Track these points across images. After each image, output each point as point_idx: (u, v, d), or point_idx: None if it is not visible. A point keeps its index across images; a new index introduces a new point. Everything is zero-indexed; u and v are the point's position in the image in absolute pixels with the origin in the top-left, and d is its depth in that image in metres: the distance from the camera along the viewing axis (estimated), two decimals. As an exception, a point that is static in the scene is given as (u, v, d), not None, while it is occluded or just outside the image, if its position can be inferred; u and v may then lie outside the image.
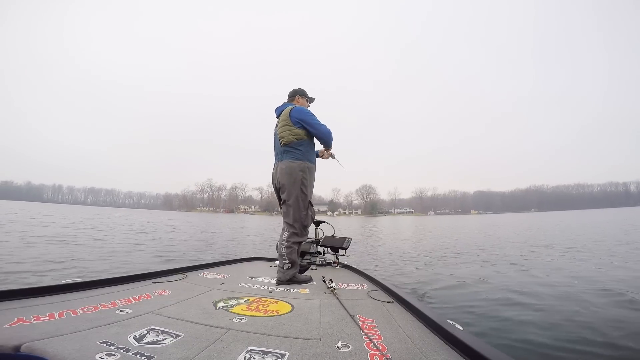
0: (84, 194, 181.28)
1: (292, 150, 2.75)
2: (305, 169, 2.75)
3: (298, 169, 2.73)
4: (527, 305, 3.69)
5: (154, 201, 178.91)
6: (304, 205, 2.75)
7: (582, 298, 3.93)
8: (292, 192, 2.73)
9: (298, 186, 2.72)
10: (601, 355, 2.51)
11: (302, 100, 3.01)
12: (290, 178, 2.72)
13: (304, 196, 2.75)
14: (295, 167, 2.73)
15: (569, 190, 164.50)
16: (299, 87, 3.05)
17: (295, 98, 3.01)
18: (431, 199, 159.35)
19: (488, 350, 1.22)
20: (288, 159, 2.76)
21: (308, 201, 2.79)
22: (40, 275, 4.66)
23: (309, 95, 3.09)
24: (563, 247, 9.65)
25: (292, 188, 2.73)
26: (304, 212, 2.76)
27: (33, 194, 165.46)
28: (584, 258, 7.31)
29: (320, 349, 1.34)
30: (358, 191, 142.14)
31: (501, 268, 6.32)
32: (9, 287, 1.85)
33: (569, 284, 4.74)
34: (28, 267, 5.22)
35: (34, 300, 1.78)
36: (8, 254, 6.30)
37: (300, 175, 2.73)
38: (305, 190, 2.75)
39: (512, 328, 3.01)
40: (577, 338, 2.77)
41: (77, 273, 5.02)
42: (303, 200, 2.75)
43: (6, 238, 8.95)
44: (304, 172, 2.74)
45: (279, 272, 2.72)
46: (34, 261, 5.77)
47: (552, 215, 62.65)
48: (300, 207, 2.74)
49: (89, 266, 5.64)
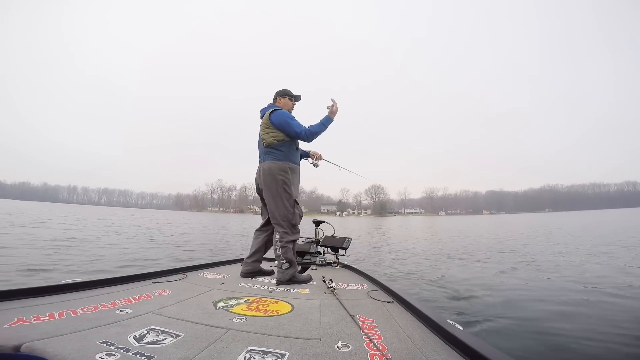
0: (97, 195, 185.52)
1: (273, 151, 2.80)
2: (287, 169, 2.79)
3: (280, 170, 2.76)
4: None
5: (166, 201, 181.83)
6: (289, 204, 2.78)
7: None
8: (275, 193, 2.76)
9: (281, 186, 2.75)
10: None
11: (284, 100, 3.02)
12: (272, 179, 2.76)
13: (288, 195, 2.78)
14: (276, 167, 2.77)
15: (584, 189, 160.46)
16: (282, 88, 3.07)
17: (277, 99, 3.02)
18: (442, 199, 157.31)
19: (488, 350, 1.21)
20: (270, 160, 2.80)
21: (294, 200, 2.81)
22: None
23: (294, 93, 3.09)
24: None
25: (275, 188, 2.76)
26: (291, 211, 2.79)
27: (49, 195, 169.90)
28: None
29: (320, 349, 1.34)
30: (367, 191, 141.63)
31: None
32: (9, 287, 1.85)
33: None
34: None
35: (34, 300, 1.78)
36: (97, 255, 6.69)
37: (282, 175, 2.76)
38: (289, 190, 2.78)
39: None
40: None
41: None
42: (288, 200, 2.77)
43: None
44: (286, 172, 2.78)
45: (278, 273, 2.73)
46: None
47: (570, 215, 60.97)
48: (286, 206, 2.76)
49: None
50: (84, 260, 6.07)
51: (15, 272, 4.75)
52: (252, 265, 2.95)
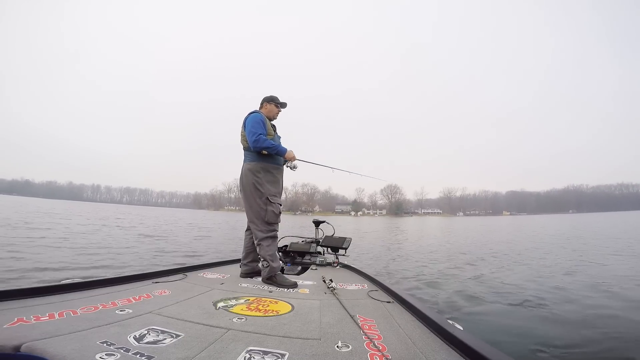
0: (119, 193, 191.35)
1: (248, 153, 2.94)
2: (260, 169, 2.89)
3: (252, 170, 2.87)
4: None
5: (184, 200, 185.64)
6: (262, 201, 2.85)
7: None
8: (249, 193, 2.87)
9: (252, 185, 2.85)
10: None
11: (270, 106, 3.09)
12: (246, 179, 2.88)
13: (260, 193, 2.85)
14: (249, 168, 2.89)
15: (610, 190, 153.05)
16: (269, 95, 3.12)
17: (263, 105, 3.10)
18: (460, 199, 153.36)
19: (488, 350, 1.20)
20: (246, 162, 2.94)
21: (266, 197, 2.86)
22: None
23: (280, 100, 3.15)
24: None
25: (248, 188, 2.87)
26: (263, 208, 2.84)
27: (74, 194, 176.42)
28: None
29: (320, 349, 1.34)
30: (383, 191, 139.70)
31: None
32: (9, 287, 1.87)
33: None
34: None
35: (34, 300, 1.78)
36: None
37: (254, 175, 2.86)
38: (261, 188, 2.85)
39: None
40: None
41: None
42: (260, 197, 2.85)
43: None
44: (258, 171, 2.87)
45: (262, 271, 2.79)
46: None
47: (600, 216, 58.49)
48: (258, 204, 2.84)
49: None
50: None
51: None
52: (249, 266, 3.00)
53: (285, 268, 3.46)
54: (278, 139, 3.08)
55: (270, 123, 3.01)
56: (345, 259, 3.85)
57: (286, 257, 3.83)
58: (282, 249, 3.82)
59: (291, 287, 2.59)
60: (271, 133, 2.95)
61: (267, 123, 2.95)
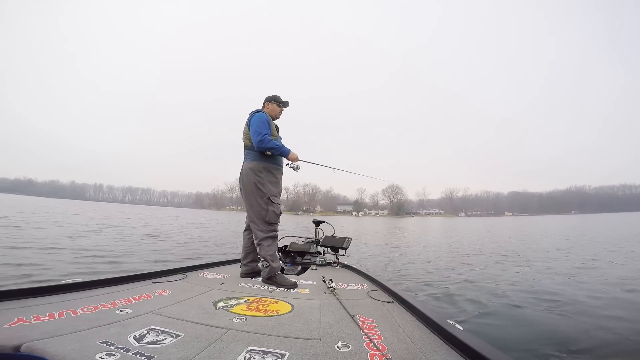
0: (122, 193, 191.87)
1: (249, 152, 2.92)
2: (262, 168, 2.87)
3: (254, 169, 2.86)
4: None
5: (186, 200, 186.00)
6: (263, 201, 2.84)
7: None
8: (249, 192, 2.85)
9: (253, 184, 2.84)
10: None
11: (272, 105, 3.10)
12: (247, 178, 2.86)
13: (262, 193, 2.84)
14: (250, 167, 2.87)
15: (613, 191, 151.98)
16: (272, 94, 3.12)
17: (265, 104, 3.10)
18: (462, 200, 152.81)
19: (488, 350, 1.20)
20: (247, 161, 2.93)
21: (267, 197, 2.85)
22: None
23: (282, 99, 3.15)
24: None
25: (249, 188, 2.85)
26: (264, 208, 2.83)
27: (77, 193, 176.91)
28: None
29: (320, 349, 1.34)
30: (384, 191, 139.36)
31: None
32: (9, 287, 1.86)
33: None
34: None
35: (34, 300, 1.78)
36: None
37: (256, 175, 2.85)
38: (262, 188, 2.84)
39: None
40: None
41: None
42: (261, 197, 2.84)
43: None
44: (260, 171, 2.86)
45: (262, 271, 2.79)
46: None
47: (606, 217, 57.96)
48: (259, 204, 2.83)
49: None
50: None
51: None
52: (249, 266, 3.00)
53: (285, 268, 3.46)
54: (280, 140, 3.08)
55: (273, 123, 3.01)
56: (345, 259, 3.85)
57: (286, 257, 3.83)
58: (282, 249, 3.82)
59: (291, 287, 2.59)
60: (275, 133, 2.95)
61: (272, 123, 2.94)
